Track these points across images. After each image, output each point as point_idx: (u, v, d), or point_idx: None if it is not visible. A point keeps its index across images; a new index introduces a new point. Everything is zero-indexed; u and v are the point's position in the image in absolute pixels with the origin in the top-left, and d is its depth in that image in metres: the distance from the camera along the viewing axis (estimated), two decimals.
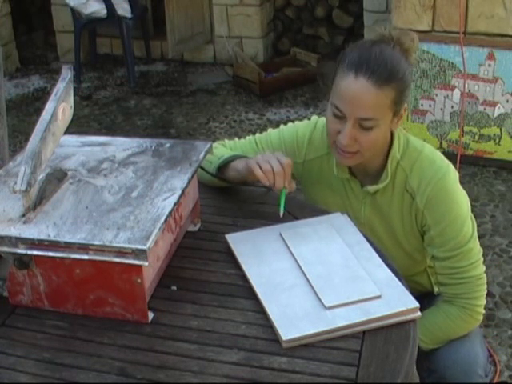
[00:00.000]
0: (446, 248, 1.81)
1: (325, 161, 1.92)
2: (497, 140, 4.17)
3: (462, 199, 1.82)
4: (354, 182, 1.90)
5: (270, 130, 2.05)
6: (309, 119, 2.02)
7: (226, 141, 2.08)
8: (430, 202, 1.79)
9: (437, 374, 1.88)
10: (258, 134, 2.05)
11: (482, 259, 1.85)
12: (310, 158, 1.95)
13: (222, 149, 2.00)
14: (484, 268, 1.85)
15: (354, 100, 1.69)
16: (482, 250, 1.85)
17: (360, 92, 1.68)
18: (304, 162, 1.96)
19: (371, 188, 1.85)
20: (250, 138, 2.05)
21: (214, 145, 2.00)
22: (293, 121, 2.05)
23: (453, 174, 1.81)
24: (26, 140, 1.49)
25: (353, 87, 1.68)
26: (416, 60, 1.79)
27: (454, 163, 1.87)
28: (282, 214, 1.76)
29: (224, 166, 1.89)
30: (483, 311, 1.88)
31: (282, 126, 2.05)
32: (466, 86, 4.11)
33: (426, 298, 1.99)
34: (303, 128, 1.97)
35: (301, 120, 2.07)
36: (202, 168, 1.83)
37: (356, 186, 1.90)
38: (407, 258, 1.94)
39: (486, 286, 1.87)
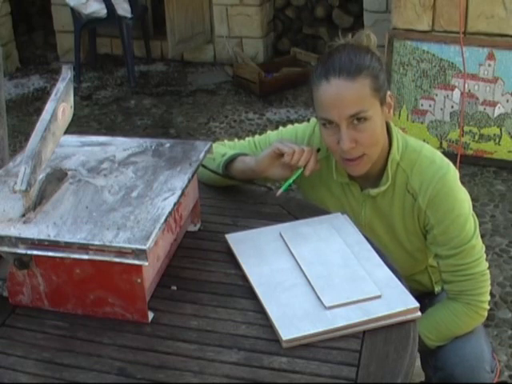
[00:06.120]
0: (449, 246, 1.81)
1: (324, 164, 1.90)
2: (497, 140, 4.17)
3: (463, 197, 1.82)
4: (354, 185, 1.90)
5: (269, 132, 2.05)
6: (308, 120, 2.02)
7: (226, 141, 2.08)
8: (433, 201, 1.79)
9: (444, 372, 1.88)
10: (257, 136, 2.06)
11: (485, 256, 1.86)
12: None
13: (223, 148, 2.00)
14: (487, 264, 1.86)
15: (335, 102, 1.70)
16: (484, 247, 1.85)
17: (337, 91, 1.69)
18: None
19: (372, 191, 1.85)
20: (249, 139, 2.05)
21: (214, 145, 2.00)
22: (293, 121, 2.06)
23: (453, 172, 1.81)
24: (26, 140, 1.49)
25: (329, 91, 1.70)
26: (380, 51, 1.83)
27: (454, 163, 1.87)
28: (279, 193, 1.79)
29: (230, 161, 1.90)
30: (488, 307, 1.88)
31: (281, 128, 2.05)
32: (466, 85, 4.11)
33: (426, 297, 1.99)
34: (302, 130, 1.98)
35: (301, 120, 2.08)
36: (204, 166, 1.83)
37: (356, 190, 1.90)
38: (408, 257, 1.94)
39: (489, 281, 1.87)
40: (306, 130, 1.97)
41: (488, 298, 1.88)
